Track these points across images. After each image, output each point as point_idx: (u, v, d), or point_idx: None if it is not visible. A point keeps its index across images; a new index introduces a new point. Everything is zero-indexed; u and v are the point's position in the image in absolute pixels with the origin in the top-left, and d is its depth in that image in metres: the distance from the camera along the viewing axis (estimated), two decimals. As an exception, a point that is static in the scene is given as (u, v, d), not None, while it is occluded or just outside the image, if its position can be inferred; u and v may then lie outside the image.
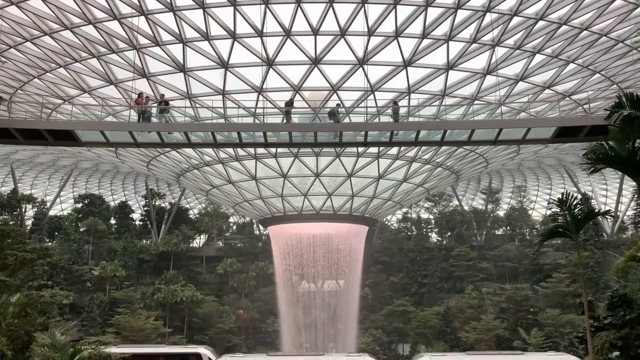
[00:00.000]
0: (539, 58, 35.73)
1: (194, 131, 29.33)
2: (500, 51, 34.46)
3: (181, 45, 33.90)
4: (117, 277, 61.62)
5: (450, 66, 35.81)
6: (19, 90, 38.47)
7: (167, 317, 57.76)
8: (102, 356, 25.76)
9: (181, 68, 35.53)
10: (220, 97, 37.50)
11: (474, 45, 34.43)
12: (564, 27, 32.83)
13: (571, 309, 53.62)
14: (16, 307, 23.02)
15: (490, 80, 36.91)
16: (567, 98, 38.65)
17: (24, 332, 23.11)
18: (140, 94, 28.93)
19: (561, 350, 42.61)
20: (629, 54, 34.68)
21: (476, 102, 38.14)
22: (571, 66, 36.56)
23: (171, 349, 40.95)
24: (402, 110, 33.54)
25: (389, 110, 31.73)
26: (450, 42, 33.93)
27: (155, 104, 29.81)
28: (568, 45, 34.30)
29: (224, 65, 35.23)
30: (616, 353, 21.81)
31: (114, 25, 32.43)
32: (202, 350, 38.52)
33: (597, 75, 37.24)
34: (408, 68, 35.72)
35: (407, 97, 37.74)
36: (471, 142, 28.96)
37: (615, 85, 37.52)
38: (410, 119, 34.05)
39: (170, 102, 32.27)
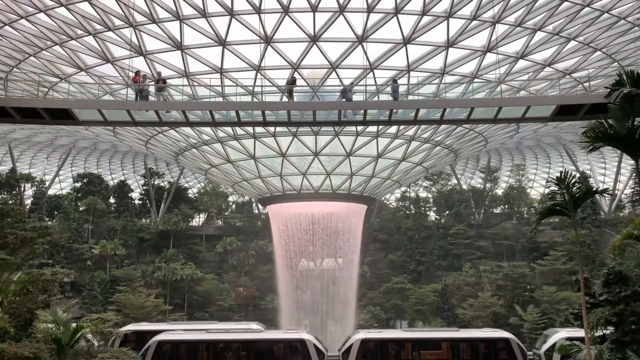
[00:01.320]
0: (539, 35, 35.38)
1: (192, 110, 29.17)
2: (500, 28, 34.09)
3: (178, 22, 33.46)
4: (118, 256, 62.04)
5: (450, 44, 35.47)
6: (14, 69, 38.11)
7: (167, 294, 58.35)
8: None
9: (178, 46, 35.15)
10: (218, 75, 37.21)
11: (475, 23, 34.05)
12: (565, 4, 32.44)
13: (567, 286, 54.24)
14: (17, 285, 23.19)
15: (490, 58, 36.61)
16: (568, 76, 38.43)
17: (25, 309, 23.29)
18: (137, 72, 28.70)
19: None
20: (630, 31, 34.35)
21: (476, 80, 37.91)
22: (572, 43, 36.23)
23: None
24: (402, 89, 33.35)
25: (389, 89, 31.54)
26: (451, 19, 33.54)
27: (153, 83, 29.59)
28: (569, 23, 33.92)
29: (222, 42, 34.85)
30: (611, 328, 22.12)
31: (110, 2, 31.98)
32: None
33: (598, 52, 36.94)
34: (408, 46, 35.38)
35: (406, 75, 37.47)
36: (470, 120, 28.88)
37: (616, 63, 37.27)
38: (410, 97, 33.90)
39: (167, 81, 32.07)
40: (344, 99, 27.58)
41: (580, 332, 34.69)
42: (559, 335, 32.74)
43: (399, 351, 33.06)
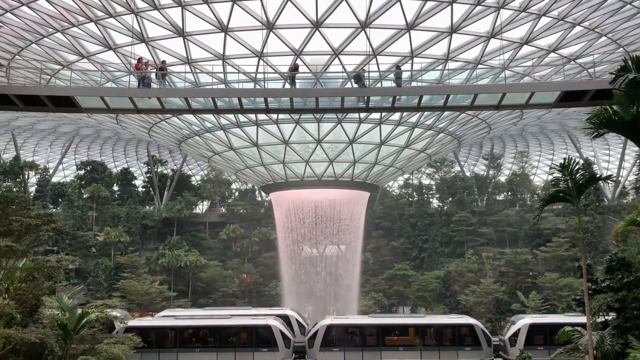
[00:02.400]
0: (544, 21, 35.01)
1: (195, 97, 29.10)
2: (505, 14, 33.73)
3: (180, 8, 33.24)
4: (122, 243, 62.39)
5: (454, 29, 35.16)
6: (16, 56, 38.02)
7: (171, 281, 58.80)
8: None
9: (180, 32, 34.96)
10: (220, 62, 37.05)
11: (479, 8, 33.69)
12: (571, -12, 32.09)
13: (569, 273, 54.40)
14: (23, 271, 23.41)
15: (494, 43, 36.32)
16: (572, 62, 38.12)
17: (31, 295, 23.53)
18: (139, 59, 28.58)
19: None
20: (636, 16, 33.96)
21: (480, 66, 37.63)
22: (577, 29, 35.86)
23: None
24: (405, 75, 33.16)
25: (392, 75, 31.34)
26: (454, 5, 33.17)
27: (155, 70, 29.48)
28: (574, 8, 33.55)
29: (224, 29, 34.65)
30: (613, 315, 22.21)
31: (111, -12, 31.79)
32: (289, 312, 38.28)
33: (604, 38, 36.59)
34: (411, 31, 35.08)
35: (410, 62, 37.24)
36: (474, 107, 28.73)
37: (622, 49, 36.91)
38: (413, 83, 33.69)
39: (170, 68, 31.94)
40: (356, 85, 27.35)
41: (544, 319, 35.41)
42: (524, 321, 33.26)
43: (364, 336, 33.26)
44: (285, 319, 35.79)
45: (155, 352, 32.16)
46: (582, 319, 33.06)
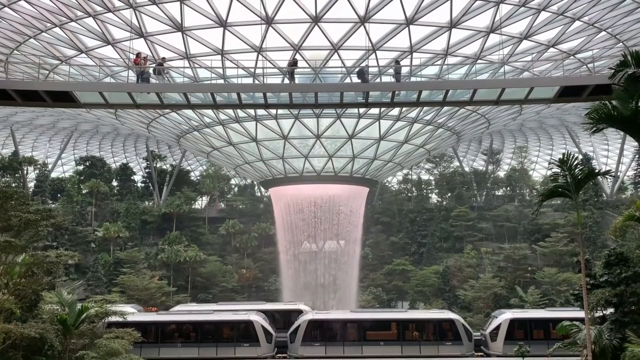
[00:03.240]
0: (544, 15, 34.92)
1: (193, 92, 29.04)
2: (504, 8, 33.62)
3: (178, 3, 33.08)
4: (121, 238, 62.44)
5: (453, 24, 35.04)
6: (15, 51, 37.89)
7: (171, 276, 58.88)
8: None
9: (179, 27, 34.83)
10: (219, 57, 36.94)
11: (478, 3, 33.58)
12: (570, -17, 32.00)
13: (568, 268, 54.54)
14: (22, 266, 23.43)
15: (493, 38, 36.25)
16: (572, 57, 38.05)
17: (31, 290, 23.59)
18: (138, 54, 28.50)
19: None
20: (636, 11, 33.87)
21: (479, 61, 37.58)
22: (577, 24, 35.78)
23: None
24: (404, 70, 33.09)
25: (391, 70, 31.29)
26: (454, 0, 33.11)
27: (154, 65, 29.42)
28: (574, 2, 33.46)
29: (223, 24, 34.52)
30: (611, 309, 22.29)
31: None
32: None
33: (603, 33, 36.51)
34: (410, 26, 34.97)
35: (409, 57, 37.17)
36: (473, 102, 28.69)
37: (621, 44, 36.85)
38: (412, 79, 33.63)
39: (168, 63, 31.85)
40: (359, 80, 27.29)
41: (524, 314, 35.84)
42: (504, 316, 33.56)
43: (346, 332, 33.43)
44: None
45: (137, 347, 32.38)
46: (564, 314, 34.02)
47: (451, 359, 32.39)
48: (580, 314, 33.79)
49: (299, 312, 37.06)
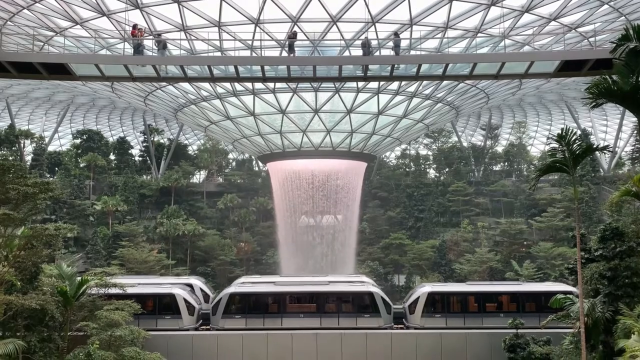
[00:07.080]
0: (546, -13, 34.43)
1: (190, 65, 28.74)
2: (506, -20, 33.14)
3: (174, -27, 32.51)
4: (120, 212, 62.68)
5: (454, -4, 34.52)
6: (8, 22, 37.24)
7: (170, 249, 59.33)
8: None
9: (175, -2, 34.23)
10: (216, 29, 36.41)
11: (480, -26, 33.07)
12: (574, -45, 31.38)
13: (563, 242, 55.07)
14: (21, 239, 23.57)
15: (494, 11, 35.72)
16: (573, 31, 37.60)
17: (30, 263, 23.77)
18: (135, 26, 28.07)
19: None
20: (640, -16, 33.40)
21: (479, 35, 37.12)
22: (579, -4, 35.31)
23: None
24: (404, 44, 32.69)
25: (390, 43, 30.90)
26: (455, -29, 32.56)
27: (151, 37, 29.01)
28: (577, -26, 32.96)
29: (220, -5, 33.92)
30: (605, 283, 22.59)
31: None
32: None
33: (605, 6, 36.00)
34: (410, -2, 34.45)
35: (409, 30, 36.69)
36: (473, 76, 28.45)
37: (623, 17, 36.39)
38: (412, 52, 33.28)
39: (164, 35, 31.38)
40: (362, 52, 26.93)
41: (442, 287, 36.49)
42: (423, 289, 33.92)
43: (267, 304, 33.67)
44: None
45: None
46: (482, 288, 34.91)
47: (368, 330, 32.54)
48: (501, 287, 34.73)
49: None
